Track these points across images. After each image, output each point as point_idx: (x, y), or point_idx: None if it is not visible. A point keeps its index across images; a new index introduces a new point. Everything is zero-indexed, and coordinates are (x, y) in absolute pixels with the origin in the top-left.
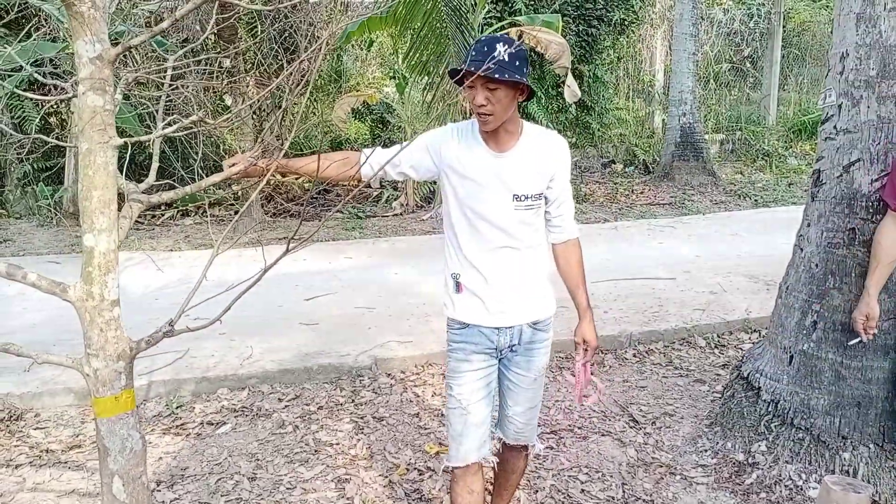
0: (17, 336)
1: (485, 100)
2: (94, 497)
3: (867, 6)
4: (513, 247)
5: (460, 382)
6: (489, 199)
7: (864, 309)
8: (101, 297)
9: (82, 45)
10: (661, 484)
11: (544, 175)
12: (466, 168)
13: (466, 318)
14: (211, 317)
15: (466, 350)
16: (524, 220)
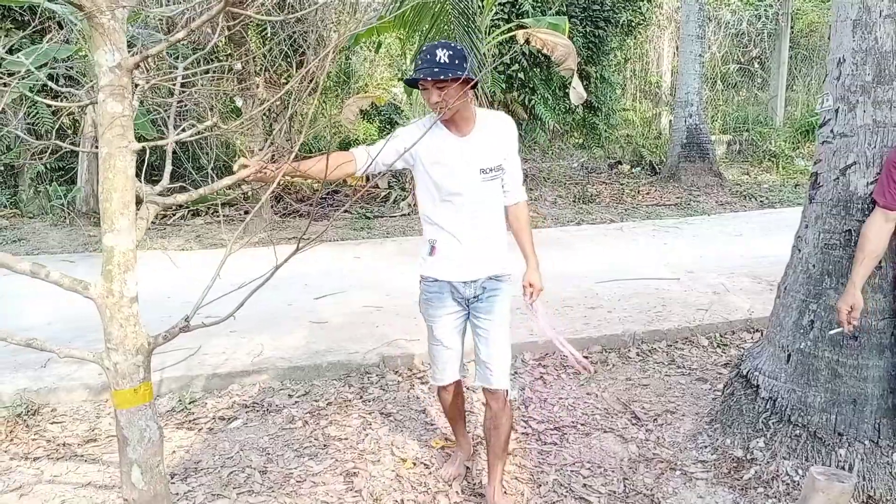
0: (33, 333)
1: (438, 97)
2: (110, 489)
3: (863, 13)
4: (480, 213)
5: (438, 325)
6: (459, 175)
7: (848, 300)
8: (120, 294)
9: (102, 55)
10: (661, 479)
11: (501, 149)
12: (435, 154)
13: (440, 276)
14: (223, 314)
15: (441, 299)
16: (489, 189)
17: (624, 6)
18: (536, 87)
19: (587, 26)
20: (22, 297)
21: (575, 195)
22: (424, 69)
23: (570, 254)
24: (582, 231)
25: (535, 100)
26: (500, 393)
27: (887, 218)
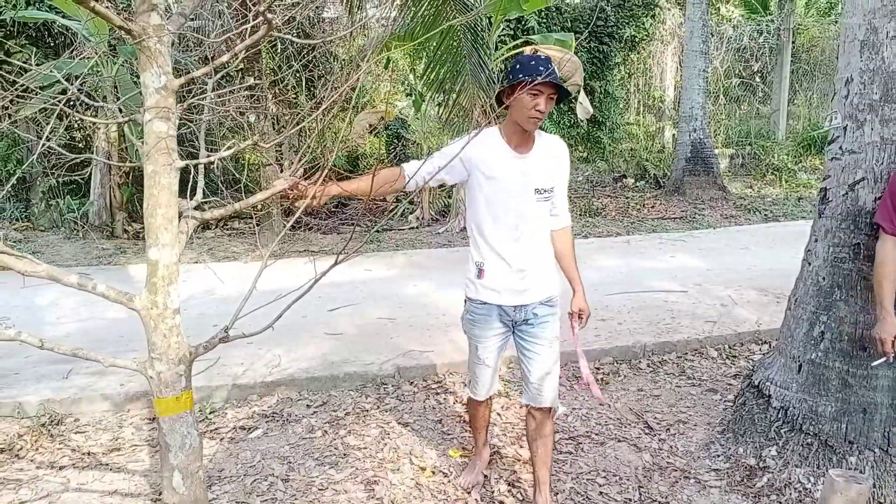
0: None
1: (545, 106)
2: (136, 497)
3: (870, 34)
4: (531, 235)
5: (484, 346)
6: (515, 194)
7: (890, 329)
8: (164, 306)
9: (149, 77)
10: (675, 487)
11: (555, 172)
12: (493, 169)
13: (489, 299)
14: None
15: (488, 321)
16: (541, 210)
17: (627, 22)
18: None
19: (591, 42)
20: (41, 308)
21: (581, 208)
22: (550, 75)
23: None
24: (589, 244)
25: None
26: (546, 410)
27: None
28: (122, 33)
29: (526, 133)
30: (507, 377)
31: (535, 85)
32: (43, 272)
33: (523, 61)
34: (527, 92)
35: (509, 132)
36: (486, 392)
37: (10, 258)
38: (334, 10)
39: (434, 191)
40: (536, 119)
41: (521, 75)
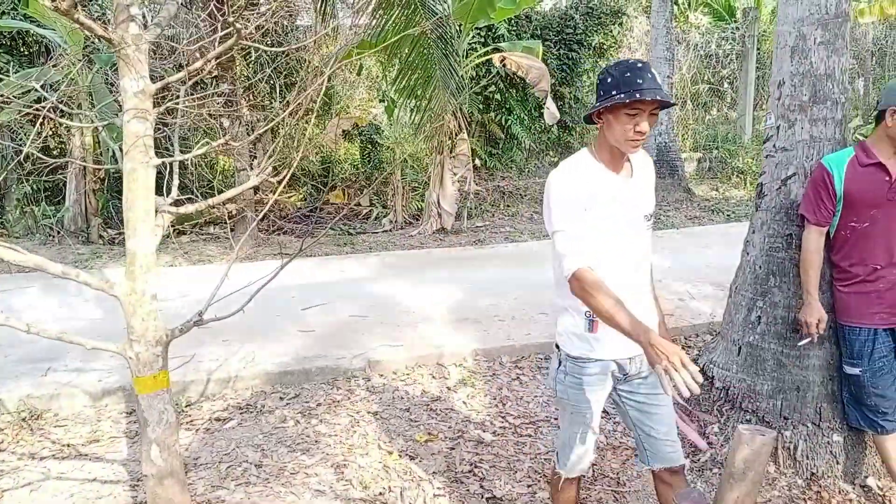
0: (33, 344)
1: (647, 126)
2: (115, 484)
3: (800, 41)
4: (643, 268)
5: (594, 412)
6: (628, 223)
7: (814, 314)
8: (142, 292)
9: (128, 82)
10: (626, 464)
11: (652, 191)
12: (605, 200)
13: (605, 355)
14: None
15: (602, 382)
16: (648, 237)
17: (596, 30)
18: (513, 107)
19: (561, 49)
20: (18, 311)
21: None
22: (652, 88)
23: (547, 265)
24: None
25: (511, 120)
26: (680, 468)
27: (821, 232)
28: (102, 42)
29: (624, 155)
30: (473, 367)
31: (635, 103)
32: (30, 262)
33: (616, 75)
34: (626, 112)
35: (606, 156)
36: (586, 465)
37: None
38: (309, 18)
39: (407, 195)
40: (637, 142)
41: (614, 93)
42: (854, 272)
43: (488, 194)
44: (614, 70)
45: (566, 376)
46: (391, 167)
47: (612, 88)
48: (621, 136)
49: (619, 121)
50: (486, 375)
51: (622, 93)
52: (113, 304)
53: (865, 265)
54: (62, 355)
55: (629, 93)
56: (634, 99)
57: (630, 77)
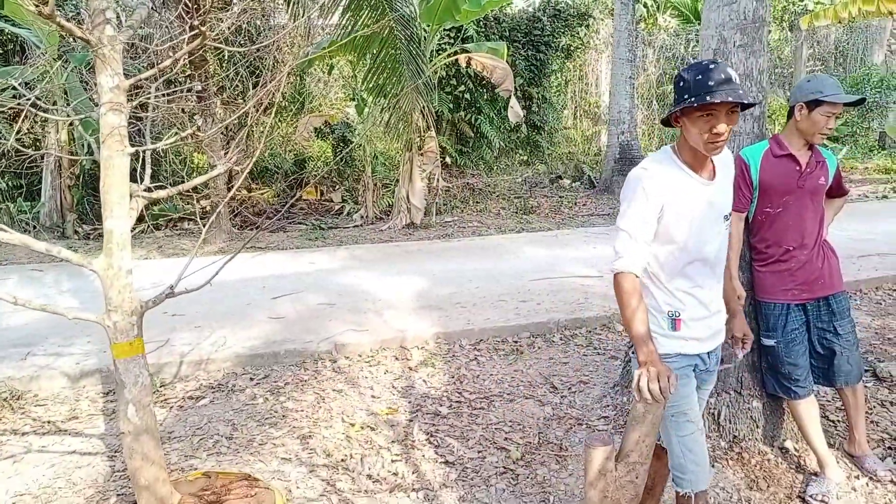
0: (13, 332)
1: (725, 127)
2: (94, 455)
3: (721, 43)
4: (718, 269)
5: (691, 406)
6: (706, 225)
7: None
8: (118, 267)
9: (104, 78)
10: (570, 432)
11: (732, 190)
12: (684, 203)
13: (689, 350)
14: (188, 310)
15: (689, 377)
16: (725, 237)
17: (563, 31)
18: (482, 107)
19: (529, 50)
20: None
21: (517, 207)
22: (724, 89)
23: (510, 257)
24: (521, 237)
25: (480, 119)
26: None
27: (740, 218)
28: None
29: (707, 156)
30: (434, 350)
31: (709, 105)
32: (15, 239)
33: (688, 78)
34: (700, 115)
35: (688, 157)
36: (707, 472)
37: None
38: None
39: (378, 191)
40: (716, 144)
41: (686, 96)
42: (769, 253)
43: (458, 191)
44: (687, 73)
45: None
46: (362, 164)
47: (685, 92)
48: (699, 138)
49: (695, 124)
50: (447, 357)
51: (693, 96)
52: (89, 296)
53: (779, 247)
54: (40, 341)
55: (699, 96)
56: (704, 103)
57: (701, 80)
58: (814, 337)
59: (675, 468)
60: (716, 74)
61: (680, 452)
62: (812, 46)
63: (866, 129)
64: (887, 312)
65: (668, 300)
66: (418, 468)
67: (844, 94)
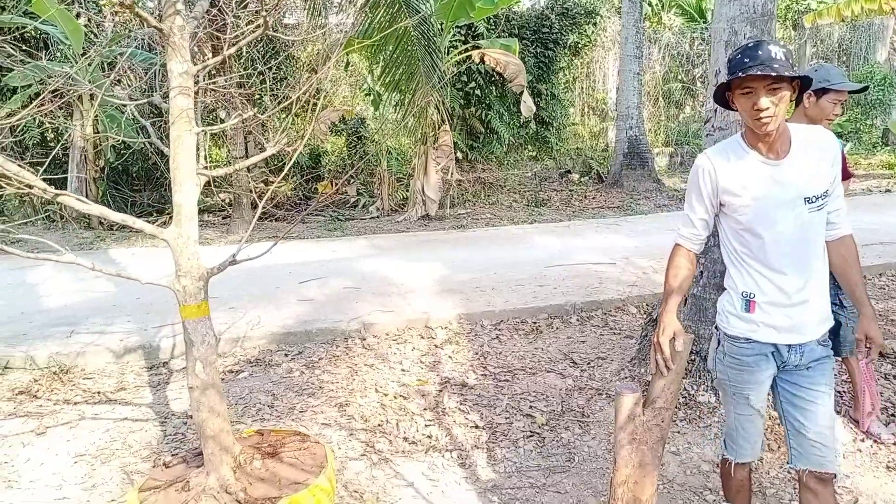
0: (54, 313)
1: (769, 102)
2: (144, 422)
3: (732, 35)
4: (807, 255)
5: (756, 392)
6: (778, 207)
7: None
8: (187, 237)
9: (174, 64)
10: (591, 401)
11: (826, 171)
12: (745, 185)
13: (762, 337)
14: (221, 293)
15: (759, 363)
16: (816, 222)
17: (571, 29)
18: (492, 103)
19: (538, 48)
20: (34, 286)
21: (528, 200)
22: (756, 64)
23: (524, 246)
24: (534, 228)
25: (491, 115)
26: (830, 477)
27: None
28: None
29: (770, 135)
30: (457, 329)
31: (744, 82)
32: (94, 210)
33: (731, 58)
34: (740, 92)
35: (751, 137)
36: (756, 450)
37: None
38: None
39: (392, 184)
40: (763, 121)
41: (729, 75)
42: None
43: (470, 185)
44: (732, 53)
45: (725, 356)
46: (377, 158)
47: (728, 72)
48: (746, 116)
49: (739, 102)
50: (469, 335)
51: (730, 74)
52: (122, 281)
53: None
54: (82, 320)
55: (734, 73)
56: (736, 77)
57: (739, 58)
58: None
59: (727, 434)
60: (753, 51)
61: (733, 425)
62: (815, 45)
63: (870, 125)
64: (890, 296)
65: (745, 281)
66: (450, 432)
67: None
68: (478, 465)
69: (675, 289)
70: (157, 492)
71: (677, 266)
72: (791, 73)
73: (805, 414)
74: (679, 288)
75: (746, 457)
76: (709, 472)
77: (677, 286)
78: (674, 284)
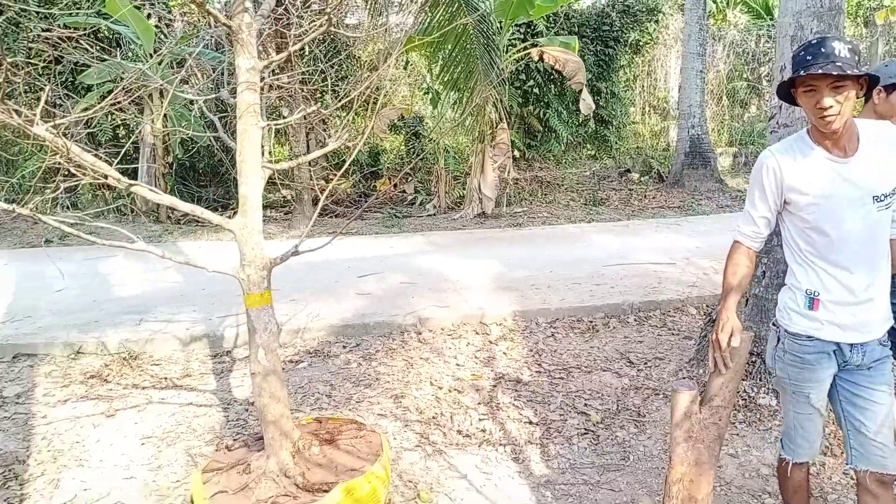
0: (126, 302)
1: (833, 101)
2: (208, 407)
3: (798, 30)
4: (873, 254)
5: (817, 390)
6: (845, 205)
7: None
8: (252, 227)
9: (242, 60)
10: (647, 401)
11: (894, 168)
12: (811, 183)
13: (825, 335)
14: (283, 286)
15: (821, 361)
16: (884, 220)
17: (632, 27)
18: (551, 101)
19: (598, 45)
20: (106, 275)
21: (586, 199)
22: (819, 63)
23: (581, 244)
24: (591, 227)
25: (549, 113)
26: (891, 479)
27: None
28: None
29: (835, 133)
30: (512, 326)
31: (806, 80)
32: (165, 200)
33: (795, 53)
34: (803, 90)
35: (816, 134)
36: (815, 450)
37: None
38: (357, 17)
39: (449, 182)
40: (827, 119)
41: (793, 72)
42: None
43: (527, 183)
44: (796, 49)
45: (785, 354)
46: (434, 156)
47: (792, 69)
48: (810, 114)
49: (803, 100)
50: (524, 333)
51: (792, 71)
52: (190, 271)
53: None
54: (151, 309)
55: (796, 71)
56: (796, 76)
57: (802, 55)
58: None
59: (785, 434)
60: (816, 49)
61: (792, 424)
62: (888, 42)
63: None
64: None
65: (809, 279)
66: (504, 426)
67: None
68: (531, 461)
69: (735, 286)
70: (219, 473)
71: (736, 263)
72: (855, 70)
73: (866, 414)
74: (738, 286)
75: (804, 457)
76: (768, 475)
77: (736, 284)
78: (733, 282)
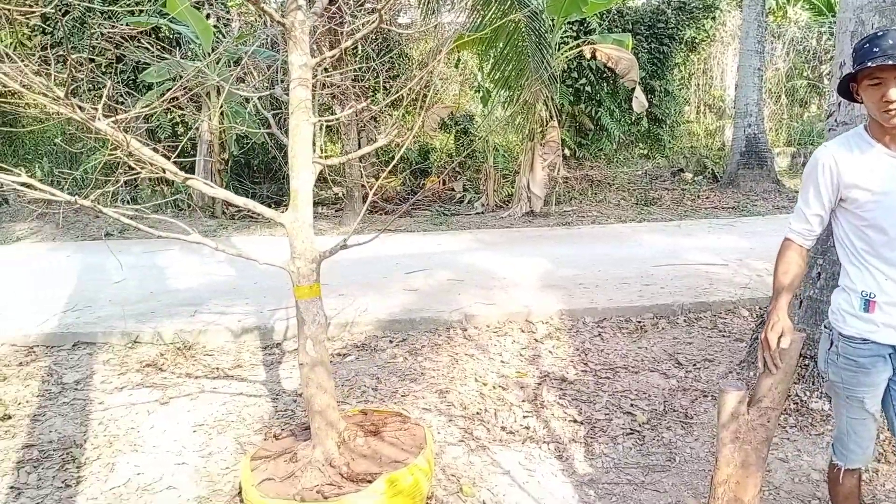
0: (181, 294)
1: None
2: (258, 398)
3: (858, 26)
4: None
5: (871, 395)
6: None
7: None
8: (303, 221)
9: (295, 57)
10: (695, 402)
11: None
12: (875, 181)
13: (881, 338)
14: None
15: (876, 365)
16: None
17: (688, 24)
18: (603, 99)
19: (652, 43)
20: (162, 268)
21: (637, 198)
22: (888, 54)
23: (631, 244)
24: (642, 226)
25: (601, 112)
26: None
27: None
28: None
29: (894, 127)
30: (558, 325)
31: (874, 73)
32: (219, 194)
33: (857, 47)
34: (868, 83)
35: (877, 131)
36: (868, 456)
37: (208, 188)
38: (409, 16)
39: (498, 180)
40: (892, 112)
41: (855, 65)
42: None
43: (577, 182)
44: (858, 42)
45: (838, 357)
46: (483, 155)
47: (855, 62)
48: (873, 108)
49: (867, 93)
50: (570, 332)
51: (856, 64)
52: (243, 265)
53: None
54: (204, 301)
55: (861, 63)
56: (865, 67)
57: (867, 47)
58: None
59: (837, 439)
60: (880, 41)
61: (845, 430)
62: None
63: None
64: None
65: (865, 280)
66: (548, 424)
67: None
68: (575, 459)
69: (786, 286)
70: (267, 461)
71: (788, 262)
72: None
73: None
74: (790, 285)
75: (857, 463)
76: (818, 481)
77: (788, 283)
78: (784, 281)
